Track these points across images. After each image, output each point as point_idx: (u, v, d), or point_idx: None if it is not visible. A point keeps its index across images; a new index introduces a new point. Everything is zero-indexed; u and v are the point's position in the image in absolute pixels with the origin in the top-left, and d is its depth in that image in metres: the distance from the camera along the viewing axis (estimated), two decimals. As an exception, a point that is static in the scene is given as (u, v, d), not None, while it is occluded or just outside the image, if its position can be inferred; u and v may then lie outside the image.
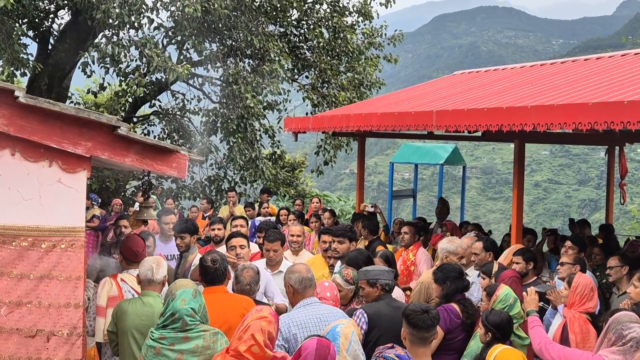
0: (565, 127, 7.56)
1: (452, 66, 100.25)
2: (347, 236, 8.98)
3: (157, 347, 5.39)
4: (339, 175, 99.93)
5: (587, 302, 6.96)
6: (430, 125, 9.76)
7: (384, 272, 6.90)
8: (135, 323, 6.44)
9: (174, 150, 6.75)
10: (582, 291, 6.98)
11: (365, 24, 22.59)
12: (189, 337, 5.35)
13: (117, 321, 6.53)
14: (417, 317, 5.47)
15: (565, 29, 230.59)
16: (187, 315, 5.37)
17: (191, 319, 5.39)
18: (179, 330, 5.37)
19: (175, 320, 5.38)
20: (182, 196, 22.08)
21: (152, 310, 6.52)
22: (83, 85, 27.34)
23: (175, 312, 5.39)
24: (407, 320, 5.51)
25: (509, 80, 11.53)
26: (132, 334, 6.41)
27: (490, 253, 8.94)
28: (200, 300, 5.53)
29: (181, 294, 5.48)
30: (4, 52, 15.63)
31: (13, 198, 6.30)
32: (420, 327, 5.46)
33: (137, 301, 6.60)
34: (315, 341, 4.74)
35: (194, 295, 5.50)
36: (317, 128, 13.57)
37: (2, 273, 6.30)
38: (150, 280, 6.63)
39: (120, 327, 6.48)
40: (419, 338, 5.49)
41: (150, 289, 6.66)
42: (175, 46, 20.31)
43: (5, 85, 6.19)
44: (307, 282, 6.33)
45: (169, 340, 5.37)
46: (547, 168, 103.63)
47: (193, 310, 5.41)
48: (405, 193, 22.57)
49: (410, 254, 10.43)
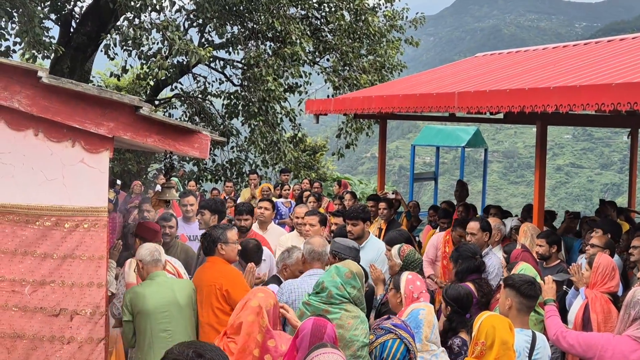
0: (588, 109, 7.50)
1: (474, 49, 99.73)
2: (361, 217, 8.94)
3: (302, 310, 5.78)
4: (360, 159, 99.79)
5: (608, 281, 6.96)
6: (452, 106, 9.73)
7: (346, 248, 7.29)
8: (158, 303, 6.49)
9: (196, 131, 6.76)
10: (604, 271, 6.98)
11: (386, 6, 22.52)
12: (328, 311, 5.58)
13: (133, 307, 6.56)
14: (528, 287, 5.90)
15: (589, 12, 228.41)
16: (334, 287, 5.66)
17: (338, 292, 5.64)
18: (323, 302, 5.66)
19: (323, 289, 5.70)
20: (204, 179, 22.17)
21: (171, 287, 6.67)
22: (104, 69, 27.46)
23: (324, 282, 5.71)
24: (519, 291, 5.89)
25: (531, 62, 11.46)
26: (154, 317, 6.46)
27: (486, 233, 8.94)
28: (354, 283, 5.72)
29: (334, 269, 5.78)
30: (26, 35, 15.70)
31: (37, 178, 6.33)
32: (532, 296, 5.94)
33: (150, 284, 6.66)
34: (311, 321, 4.81)
35: (348, 276, 5.71)
36: (339, 110, 13.56)
37: (26, 252, 6.35)
38: (157, 260, 6.75)
39: (140, 311, 6.50)
40: (527, 307, 5.95)
41: (157, 269, 6.76)
42: (196, 29, 20.34)
43: (28, 65, 6.22)
44: (315, 255, 6.77)
45: (312, 308, 5.69)
46: (569, 152, 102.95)
47: (342, 286, 5.66)
48: (426, 176, 22.54)
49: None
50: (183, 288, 6.76)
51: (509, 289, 5.94)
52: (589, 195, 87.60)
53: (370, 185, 29.18)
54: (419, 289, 6.06)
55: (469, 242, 8.62)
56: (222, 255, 7.07)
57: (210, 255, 7.11)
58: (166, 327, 6.48)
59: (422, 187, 61.24)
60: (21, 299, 6.35)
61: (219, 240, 7.06)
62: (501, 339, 5.11)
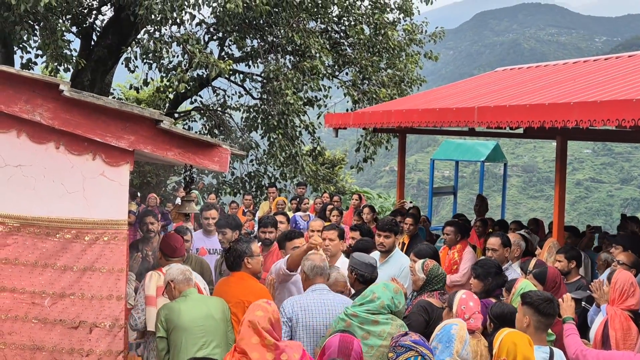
0: (608, 124, 7.48)
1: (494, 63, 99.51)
2: (393, 230, 8.92)
3: (347, 321, 6.01)
4: (379, 173, 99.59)
5: (628, 298, 6.90)
6: (472, 121, 9.73)
7: (362, 264, 7.29)
8: (193, 317, 6.45)
9: (216, 145, 6.78)
10: (622, 287, 6.92)
11: (406, 20, 22.51)
12: (377, 322, 5.98)
13: (168, 323, 6.47)
14: (547, 306, 5.83)
15: (609, 26, 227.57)
16: (386, 298, 6.06)
17: (389, 303, 6.05)
18: (371, 312, 6.00)
19: (373, 300, 6.06)
20: (223, 192, 22.21)
21: (205, 301, 6.70)
22: (124, 81, 27.58)
23: (375, 293, 6.10)
24: (537, 309, 5.81)
25: (551, 77, 11.43)
26: (191, 331, 6.39)
27: (507, 249, 8.91)
28: (400, 298, 6.17)
29: (383, 284, 6.27)
30: (48, 48, 15.82)
31: (57, 191, 6.37)
32: (550, 314, 5.86)
33: (184, 300, 6.60)
34: (337, 338, 4.86)
35: (396, 291, 6.17)
36: (358, 124, 13.57)
37: (46, 265, 6.38)
38: (189, 279, 6.73)
39: (176, 326, 6.42)
40: (545, 325, 5.87)
41: (190, 287, 6.72)
42: (216, 42, 20.42)
43: (50, 79, 6.26)
44: (317, 270, 6.78)
45: (359, 319, 6.00)
46: (589, 167, 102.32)
47: (392, 299, 6.08)
48: (445, 190, 22.50)
49: (455, 254, 10.30)
50: (216, 304, 6.72)
51: (527, 306, 5.86)
52: (609, 210, 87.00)
53: (390, 199, 29.11)
54: (472, 310, 6.04)
55: (490, 257, 8.58)
56: (248, 269, 7.11)
57: (236, 270, 7.14)
58: (202, 342, 6.41)
59: (441, 201, 61.14)
60: (41, 311, 6.38)
61: (244, 254, 7.09)
62: (523, 355, 5.11)
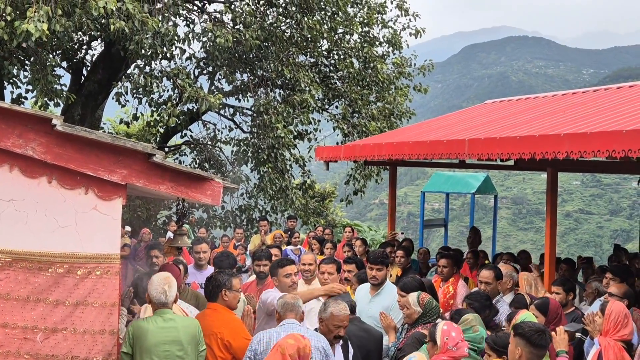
0: (599, 155, 7.52)
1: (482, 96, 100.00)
2: (385, 263, 8.94)
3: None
4: (369, 206, 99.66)
5: (621, 329, 6.91)
6: (463, 153, 9.77)
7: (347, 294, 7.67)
8: (158, 340, 6.38)
9: (209, 178, 6.80)
10: (616, 318, 6.93)
11: (395, 54, 22.65)
12: None
13: (135, 340, 6.42)
14: (538, 337, 5.82)
15: (596, 59, 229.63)
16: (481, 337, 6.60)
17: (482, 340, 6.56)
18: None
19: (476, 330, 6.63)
20: (213, 225, 22.16)
21: (175, 325, 6.54)
22: (114, 115, 27.59)
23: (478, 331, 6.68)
24: (529, 340, 5.80)
25: (540, 109, 11.50)
26: (154, 352, 6.36)
27: (499, 281, 8.93)
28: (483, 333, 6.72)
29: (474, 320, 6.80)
30: (38, 83, 15.80)
31: (50, 225, 6.36)
32: (542, 345, 5.84)
33: (155, 319, 6.53)
34: None
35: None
36: (349, 157, 13.60)
37: (38, 299, 6.36)
38: (165, 303, 6.61)
39: (141, 346, 6.38)
40: (537, 356, 5.84)
41: (165, 307, 6.64)
42: (206, 76, 20.47)
43: (42, 113, 6.28)
44: (288, 307, 6.80)
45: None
46: (579, 198, 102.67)
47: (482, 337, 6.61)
48: (436, 222, 22.52)
49: (450, 287, 10.30)
50: (187, 326, 6.63)
51: (519, 337, 5.85)
52: (598, 242, 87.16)
53: (380, 232, 29.11)
54: (454, 340, 6.06)
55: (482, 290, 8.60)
56: (224, 301, 7.15)
57: (213, 301, 7.20)
58: None
59: (431, 234, 61.12)
60: (33, 346, 6.34)
61: (224, 286, 7.14)
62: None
